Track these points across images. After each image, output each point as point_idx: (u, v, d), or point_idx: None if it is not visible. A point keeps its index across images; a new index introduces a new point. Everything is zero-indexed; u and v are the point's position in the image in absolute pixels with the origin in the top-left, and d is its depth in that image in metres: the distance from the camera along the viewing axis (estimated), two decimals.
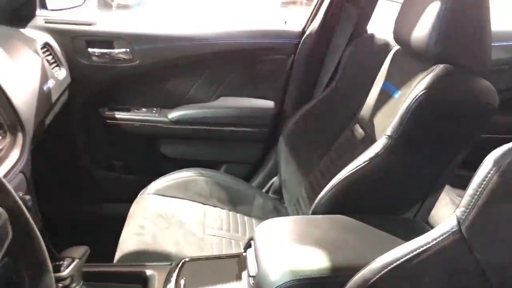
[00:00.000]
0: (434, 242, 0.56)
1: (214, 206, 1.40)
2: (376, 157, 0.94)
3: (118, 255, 1.17)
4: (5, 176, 0.90)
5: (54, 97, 1.37)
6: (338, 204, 0.99)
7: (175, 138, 1.76)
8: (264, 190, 1.66)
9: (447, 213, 1.08)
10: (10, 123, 1.02)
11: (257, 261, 0.86)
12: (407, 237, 0.64)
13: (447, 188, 1.47)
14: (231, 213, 1.40)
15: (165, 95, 1.74)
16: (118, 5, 5.64)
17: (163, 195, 1.39)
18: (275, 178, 1.64)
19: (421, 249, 0.57)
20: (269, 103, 1.73)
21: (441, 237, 0.56)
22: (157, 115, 1.72)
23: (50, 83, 1.36)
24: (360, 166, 0.96)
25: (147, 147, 1.79)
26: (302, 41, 1.64)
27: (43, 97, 1.28)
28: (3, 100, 1.00)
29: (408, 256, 0.58)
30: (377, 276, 0.61)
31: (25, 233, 0.61)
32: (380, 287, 0.62)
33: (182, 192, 1.41)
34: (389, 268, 0.59)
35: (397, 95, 1.09)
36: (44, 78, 1.32)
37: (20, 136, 1.03)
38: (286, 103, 1.72)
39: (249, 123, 1.73)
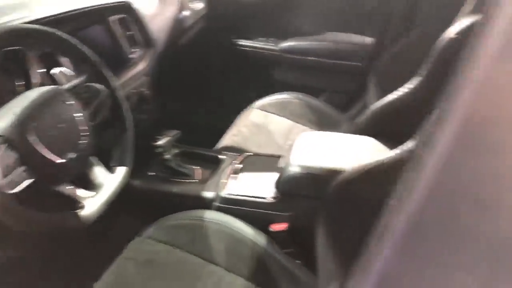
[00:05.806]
0: None
1: (303, 125, 1.64)
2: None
3: (216, 147, 1.54)
4: (134, 76, 1.31)
5: (187, 23, 1.75)
6: (372, 128, 1.16)
7: (284, 65, 2.04)
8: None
9: None
10: (144, 40, 1.42)
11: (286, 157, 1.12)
12: None
13: None
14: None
15: (280, 28, 2.02)
16: None
17: (264, 110, 1.70)
18: None
19: None
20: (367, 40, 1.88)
21: None
22: (272, 44, 2.01)
23: (186, 13, 1.74)
24: (395, 99, 1.10)
25: (262, 70, 2.11)
26: None
27: (177, 23, 1.67)
28: (140, 24, 1.40)
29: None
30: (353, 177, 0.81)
31: (116, 105, 0.99)
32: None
33: (280, 110, 1.69)
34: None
35: None
36: (181, 8, 1.71)
37: (151, 51, 1.43)
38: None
39: (346, 56, 1.90)
